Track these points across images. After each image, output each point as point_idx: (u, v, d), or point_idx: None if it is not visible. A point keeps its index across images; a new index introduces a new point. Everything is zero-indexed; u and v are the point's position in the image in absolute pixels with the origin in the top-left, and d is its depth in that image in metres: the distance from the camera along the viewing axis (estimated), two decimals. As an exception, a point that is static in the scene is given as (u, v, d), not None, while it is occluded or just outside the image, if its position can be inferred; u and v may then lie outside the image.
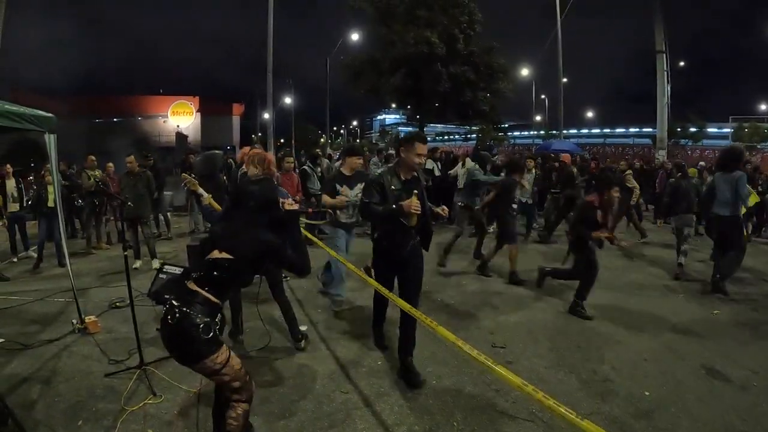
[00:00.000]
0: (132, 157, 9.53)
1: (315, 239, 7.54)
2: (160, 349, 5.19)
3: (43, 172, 9.78)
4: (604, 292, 7.26)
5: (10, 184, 9.47)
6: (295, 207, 3.24)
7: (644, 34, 20.67)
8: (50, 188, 9.31)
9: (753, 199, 8.47)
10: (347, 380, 4.64)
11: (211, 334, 2.77)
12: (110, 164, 11.56)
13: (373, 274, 4.99)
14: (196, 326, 2.70)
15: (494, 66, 27.83)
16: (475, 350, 2.98)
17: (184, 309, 2.74)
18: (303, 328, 5.80)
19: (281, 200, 3.19)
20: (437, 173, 13.40)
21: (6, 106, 5.00)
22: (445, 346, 5.03)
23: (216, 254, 2.90)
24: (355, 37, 29.51)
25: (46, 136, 5.76)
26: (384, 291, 4.29)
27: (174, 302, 2.78)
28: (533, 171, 12.20)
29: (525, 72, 34.50)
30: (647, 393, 4.46)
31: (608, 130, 68.78)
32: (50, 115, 5.72)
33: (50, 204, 9.28)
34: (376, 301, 5.34)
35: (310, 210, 4.00)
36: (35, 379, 4.79)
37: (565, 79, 29.96)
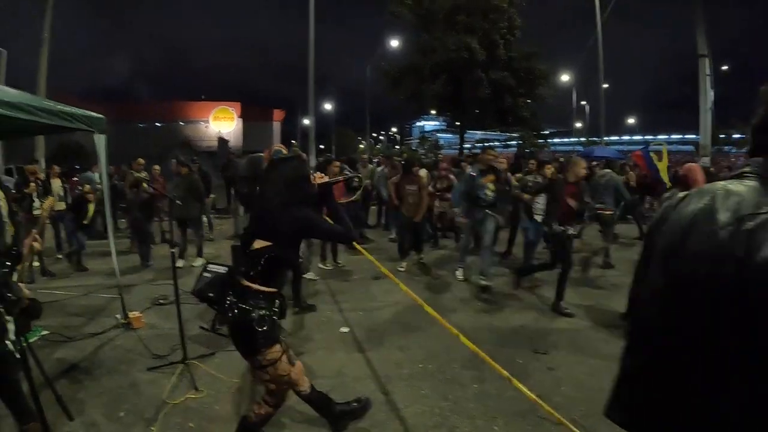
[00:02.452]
0: (175, 160, 9.71)
1: (360, 248, 7.54)
2: (202, 346, 5.31)
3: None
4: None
5: (56, 183, 9.71)
6: (325, 179, 3.16)
7: (686, 38, 20.11)
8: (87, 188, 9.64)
9: None
10: (388, 382, 4.56)
11: (266, 327, 2.82)
12: (156, 167, 11.78)
13: None
14: (252, 320, 2.79)
15: (535, 72, 27.38)
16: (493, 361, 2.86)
17: (241, 305, 2.82)
18: (344, 330, 5.80)
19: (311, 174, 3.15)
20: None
21: (58, 107, 5.10)
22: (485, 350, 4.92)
23: (257, 245, 2.88)
24: (395, 43, 29.47)
25: (96, 136, 5.87)
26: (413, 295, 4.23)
27: (231, 299, 2.87)
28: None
29: (565, 78, 34.00)
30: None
31: (650, 137, 67.43)
32: (100, 116, 5.84)
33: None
34: None
35: (341, 178, 3.89)
36: (78, 371, 4.89)
37: (605, 85, 29.35)
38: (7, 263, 2.73)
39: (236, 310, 2.83)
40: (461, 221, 8.32)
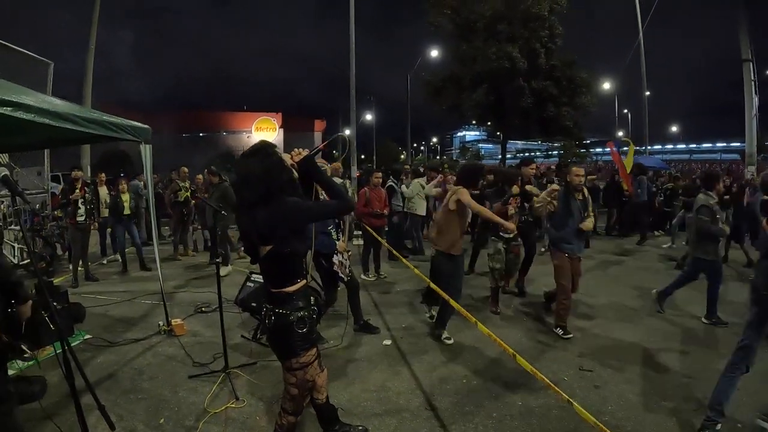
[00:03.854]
0: (209, 170, 9.95)
1: (401, 257, 7.43)
2: (244, 355, 5.27)
3: (118, 180, 10.24)
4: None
5: (103, 191, 9.89)
6: (303, 154, 2.96)
7: (730, 42, 19.47)
8: (124, 196, 9.95)
9: None
10: (432, 397, 4.42)
11: (305, 329, 2.83)
12: (200, 176, 11.93)
13: None
14: (291, 323, 2.80)
15: (576, 80, 26.80)
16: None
17: (277, 310, 2.82)
18: (387, 342, 5.69)
19: (289, 154, 3.01)
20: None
21: (105, 117, 5.15)
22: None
23: (262, 251, 2.81)
24: (435, 53, 29.33)
25: (142, 146, 5.94)
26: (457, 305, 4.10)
27: (267, 306, 2.86)
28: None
29: (607, 86, 33.37)
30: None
31: (694, 146, 65.93)
32: (146, 126, 5.91)
33: (126, 211, 9.92)
34: None
35: (322, 146, 3.67)
36: (119, 376, 4.91)
37: (648, 92, 28.68)
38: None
39: (273, 317, 2.83)
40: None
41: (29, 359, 5.29)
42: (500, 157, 33.85)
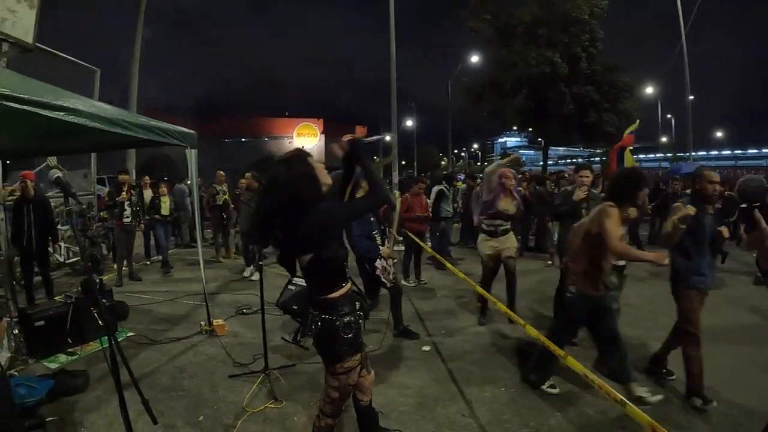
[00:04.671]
0: (249, 174, 9.99)
1: (447, 263, 7.40)
2: (283, 357, 5.34)
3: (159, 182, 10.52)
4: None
5: (148, 194, 10.14)
6: (349, 136, 3.01)
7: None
8: (164, 198, 10.36)
9: None
10: (470, 404, 4.37)
11: (351, 334, 2.83)
12: (243, 180, 12.14)
13: None
14: (337, 328, 2.79)
15: (618, 85, 26.31)
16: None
17: (323, 315, 2.82)
18: (426, 348, 5.67)
19: (342, 141, 3.01)
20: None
21: (152, 122, 5.27)
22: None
23: (303, 260, 2.83)
24: (475, 59, 29.16)
25: (188, 150, 6.07)
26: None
27: (313, 311, 2.87)
28: None
29: (649, 90, 32.66)
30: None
31: (739, 152, 64.18)
32: (191, 131, 6.03)
33: (165, 212, 10.31)
34: None
35: (373, 139, 3.61)
36: (161, 373, 5.03)
37: (691, 97, 27.94)
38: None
39: (319, 322, 2.83)
40: None
41: (73, 354, 5.47)
42: (541, 163, 33.47)
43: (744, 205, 3.69)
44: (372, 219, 5.87)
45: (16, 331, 5.43)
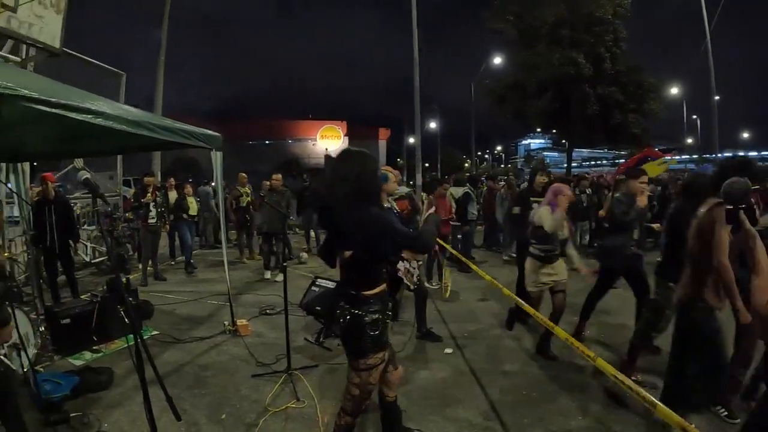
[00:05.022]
0: (279, 175, 10.06)
1: (471, 264, 7.38)
2: (306, 357, 5.37)
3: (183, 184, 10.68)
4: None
5: (173, 195, 10.26)
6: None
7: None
8: (189, 199, 10.50)
9: None
10: (491, 407, 4.34)
11: (378, 331, 2.85)
12: (266, 182, 12.24)
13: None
14: (365, 324, 2.83)
15: (643, 85, 26.02)
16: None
17: (354, 310, 2.85)
18: (448, 351, 5.65)
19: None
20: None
21: (177, 125, 5.33)
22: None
23: (345, 255, 2.88)
24: (498, 60, 28.93)
25: (213, 153, 6.12)
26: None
27: (343, 305, 2.89)
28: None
29: (675, 91, 32.13)
30: None
31: (766, 153, 62.91)
32: (216, 134, 6.09)
33: (192, 212, 10.49)
34: None
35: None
36: (185, 371, 5.11)
37: (717, 97, 27.37)
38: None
39: (348, 316, 2.86)
40: None
41: (98, 351, 5.56)
42: (565, 165, 33.18)
43: (730, 207, 3.58)
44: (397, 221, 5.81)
45: (42, 329, 5.52)
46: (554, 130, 33.27)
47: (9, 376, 2.99)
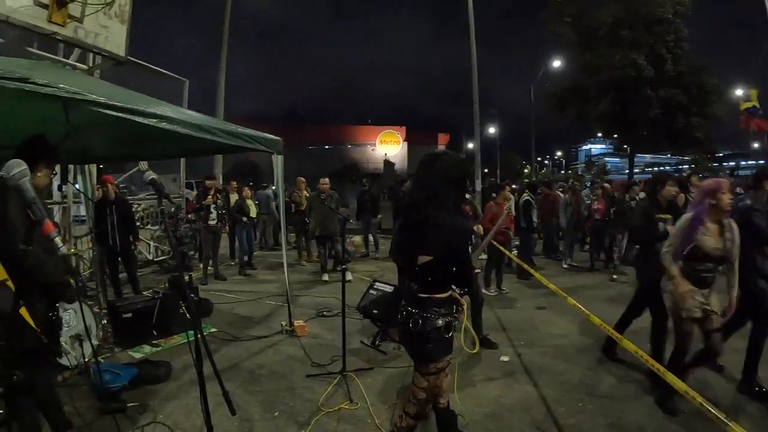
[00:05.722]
0: (327, 179, 10.12)
1: (533, 271, 7.26)
2: (361, 360, 5.37)
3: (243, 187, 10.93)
4: None
5: (234, 198, 10.46)
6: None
7: None
8: (248, 202, 10.69)
9: None
10: (544, 417, 4.23)
11: (448, 334, 2.86)
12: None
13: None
14: (437, 328, 2.82)
15: (706, 87, 25.13)
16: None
17: (424, 314, 2.84)
18: (504, 358, 5.57)
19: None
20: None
21: (240, 129, 5.43)
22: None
23: (422, 259, 2.85)
24: (557, 63, 28.44)
25: (274, 156, 6.21)
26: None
27: (412, 310, 2.89)
28: None
29: (740, 92, 30.80)
30: None
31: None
32: (278, 138, 6.17)
33: (252, 214, 10.65)
34: None
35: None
36: (240, 368, 5.19)
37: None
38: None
39: (420, 320, 2.84)
40: None
41: (157, 346, 5.71)
42: (627, 171, 32.32)
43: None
44: None
45: (104, 322, 5.78)
46: (615, 135, 32.42)
47: (41, 349, 3.11)
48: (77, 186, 7.29)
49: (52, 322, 3.18)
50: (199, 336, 2.55)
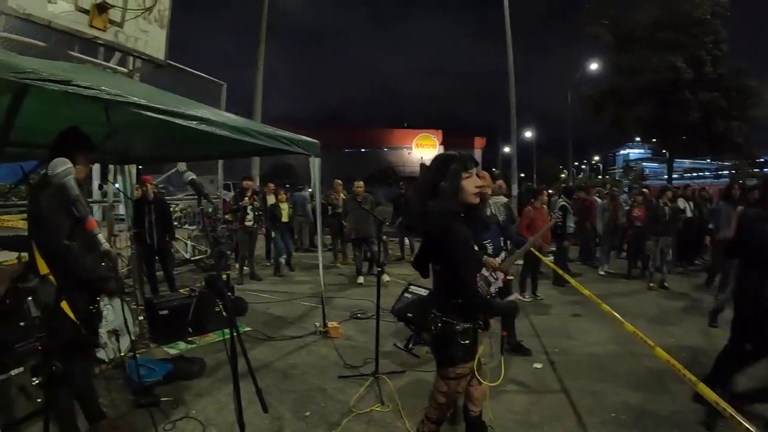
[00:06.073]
0: (361, 182, 10.14)
1: (569, 277, 7.17)
2: (394, 363, 5.38)
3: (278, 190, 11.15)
4: None
5: (270, 199, 10.62)
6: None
7: None
8: (283, 205, 10.86)
9: None
10: (575, 428, 4.17)
11: (468, 341, 2.82)
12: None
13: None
14: (456, 332, 2.79)
15: (746, 90, 24.37)
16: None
17: (444, 318, 2.82)
18: (537, 366, 5.50)
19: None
20: (689, 214, 11.79)
21: (278, 132, 5.50)
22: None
23: (436, 265, 2.91)
24: (594, 66, 27.92)
25: (311, 159, 6.28)
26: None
27: (435, 313, 2.86)
28: None
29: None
30: None
31: None
32: (315, 140, 6.24)
33: (284, 219, 10.77)
34: None
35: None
36: (274, 368, 5.26)
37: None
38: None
39: (439, 324, 2.82)
40: None
41: (192, 343, 5.81)
42: (666, 177, 31.65)
43: None
44: (492, 227, 5.50)
45: (141, 318, 5.94)
46: (654, 139, 31.78)
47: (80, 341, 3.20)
48: (117, 185, 7.46)
49: (92, 316, 3.27)
50: (234, 334, 2.59)
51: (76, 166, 3.19)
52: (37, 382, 3.79)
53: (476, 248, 5.23)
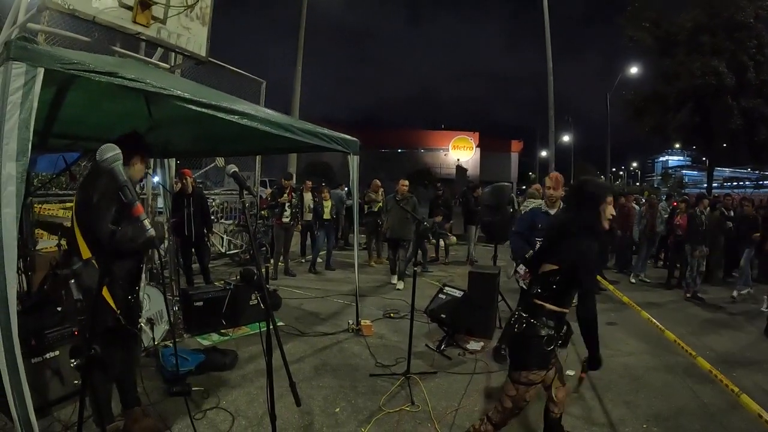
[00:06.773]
0: (407, 181, 10.04)
1: (607, 283, 7.08)
2: (426, 363, 5.37)
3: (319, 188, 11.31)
4: None
5: (308, 197, 10.66)
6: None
7: None
8: (326, 203, 10.91)
9: None
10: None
11: (549, 348, 2.86)
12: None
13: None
14: (539, 336, 2.84)
15: None
16: None
17: (532, 320, 2.88)
18: (570, 372, 5.41)
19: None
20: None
21: (318, 129, 5.53)
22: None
23: (546, 267, 2.92)
24: (635, 70, 27.34)
25: (350, 157, 6.30)
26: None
27: (522, 313, 2.94)
28: None
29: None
30: None
31: None
32: (354, 139, 6.26)
33: (327, 216, 10.81)
34: None
35: None
36: (305, 363, 5.29)
37: None
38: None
39: (524, 324, 2.88)
40: None
41: (225, 335, 5.90)
42: (705, 185, 30.88)
43: None
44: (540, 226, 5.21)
45: (176, 308, 6.03)
46: (694, 147, 31.01)
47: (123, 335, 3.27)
48: (157, 178, 7.59)
49: (131, 306, 3.32)
50: (271, 327, 2.62)
51: (134, 165, 3.27)
52: (75, 364, 3.88)
53: (525, 240, 5.20)
